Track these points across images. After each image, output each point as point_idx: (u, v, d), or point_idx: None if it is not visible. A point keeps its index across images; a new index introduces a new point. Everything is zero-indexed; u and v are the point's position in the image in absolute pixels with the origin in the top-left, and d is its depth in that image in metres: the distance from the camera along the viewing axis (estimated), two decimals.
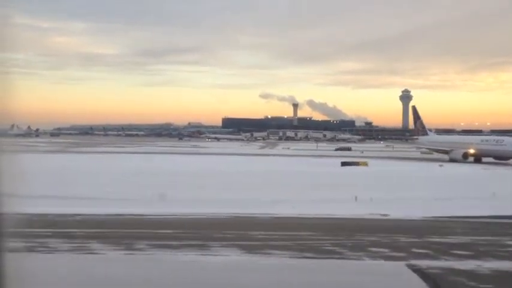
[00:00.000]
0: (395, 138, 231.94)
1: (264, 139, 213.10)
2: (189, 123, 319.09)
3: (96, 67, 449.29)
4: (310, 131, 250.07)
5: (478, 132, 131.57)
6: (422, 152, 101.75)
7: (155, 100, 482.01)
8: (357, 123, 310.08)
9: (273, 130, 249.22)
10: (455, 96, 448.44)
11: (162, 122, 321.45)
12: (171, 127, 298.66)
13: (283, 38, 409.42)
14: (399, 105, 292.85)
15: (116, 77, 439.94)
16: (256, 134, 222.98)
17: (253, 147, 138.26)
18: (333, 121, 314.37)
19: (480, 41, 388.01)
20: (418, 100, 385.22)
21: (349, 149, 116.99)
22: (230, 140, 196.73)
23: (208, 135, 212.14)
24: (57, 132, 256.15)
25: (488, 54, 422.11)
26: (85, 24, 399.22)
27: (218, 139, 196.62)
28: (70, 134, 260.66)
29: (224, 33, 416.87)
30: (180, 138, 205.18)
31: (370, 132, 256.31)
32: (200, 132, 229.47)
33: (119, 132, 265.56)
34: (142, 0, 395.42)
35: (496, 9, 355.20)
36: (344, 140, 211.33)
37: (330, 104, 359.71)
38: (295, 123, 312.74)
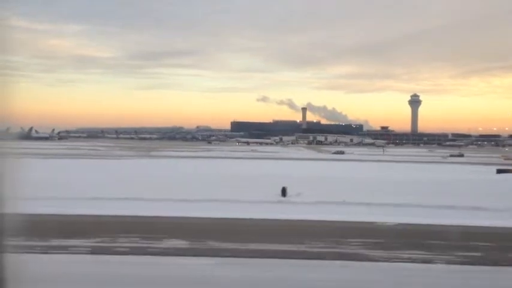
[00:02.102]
0: (413, 143, 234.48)
1: (292, 143, 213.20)
2: (198, 127, 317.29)
3: (91, 69, 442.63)
4: (337, 135, 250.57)
5: None
6: (505, 158, 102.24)
7: (153, 103, 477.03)
8: (357, 127, 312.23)
9: (301, 134, 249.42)
10: (449, 101, 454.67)
11: (162, 125, 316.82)
12: (183, 131, 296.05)
13: (278, 41, 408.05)
14: (396, 108, 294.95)
15: (112, 79, 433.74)
16: (285, 138, 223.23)
17: (310, 151, 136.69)
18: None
19: (473, 47, 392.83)
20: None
21: (342, 153, 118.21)
22: (260, 144, 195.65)
23: (238, 139, 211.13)
24: (65, 135, 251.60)
25: (480, 60, 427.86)
26: (80, 26, 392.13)
27: (248, 143, 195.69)
28: (79, 137, 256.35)
29: (219, 37, 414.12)
30: (209, 142, 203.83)
31: (388, 136, 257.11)
32: (229, 136, 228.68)
33: (132, 136, 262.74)
34: (137, 3, 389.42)
35: (488, 15, 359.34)
36: (371, 145, 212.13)
37: (329, 107, 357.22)
38: (304, 127, 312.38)
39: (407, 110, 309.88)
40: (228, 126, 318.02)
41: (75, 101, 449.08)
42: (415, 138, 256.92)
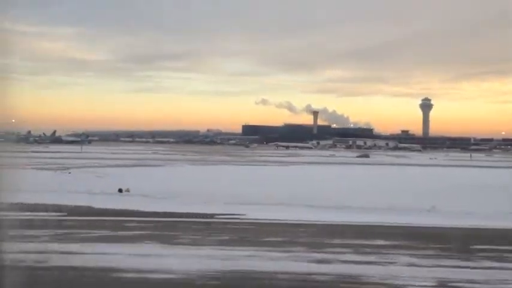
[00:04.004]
0: (433, 147, 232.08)
1: (330, 147, 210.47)
2: (208, 130, 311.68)
3: (84, 72, 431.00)
4: (373, 140, 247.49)
5: None
6: None
7: (150, 105, 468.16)
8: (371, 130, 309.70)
9: (338, 138, 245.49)
10: (440, 105, 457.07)
11: (162, 128, 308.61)
12: (200, 134, 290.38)
13: (271, 45, 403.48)
14: (392, 111, 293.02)
15: (105, 82, 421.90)
16: (322, 142, 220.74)
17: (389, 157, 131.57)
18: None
19: (463, 52, 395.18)
20: (407, 107, 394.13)
21: (367, 156, 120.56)
22: (301, 148, 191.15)
23: (277, 143, 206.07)
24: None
25: (470, 65, 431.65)
26: (73, 29, 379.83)
27: (288, 147, 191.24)
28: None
29: (212, 40, 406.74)
30: (246, 146, 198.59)
31: (412, 140, 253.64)
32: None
33: (148, 139, 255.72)
34: (134, 4, 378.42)
35: (477, 20, 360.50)
36: (406, 149, 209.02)
37: (330, 110, 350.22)
38: (315, 131, 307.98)
39: (403, 112, 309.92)
40: (235, 129, 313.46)
41: (69, 104, 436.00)
42: (438, 142, 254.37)
